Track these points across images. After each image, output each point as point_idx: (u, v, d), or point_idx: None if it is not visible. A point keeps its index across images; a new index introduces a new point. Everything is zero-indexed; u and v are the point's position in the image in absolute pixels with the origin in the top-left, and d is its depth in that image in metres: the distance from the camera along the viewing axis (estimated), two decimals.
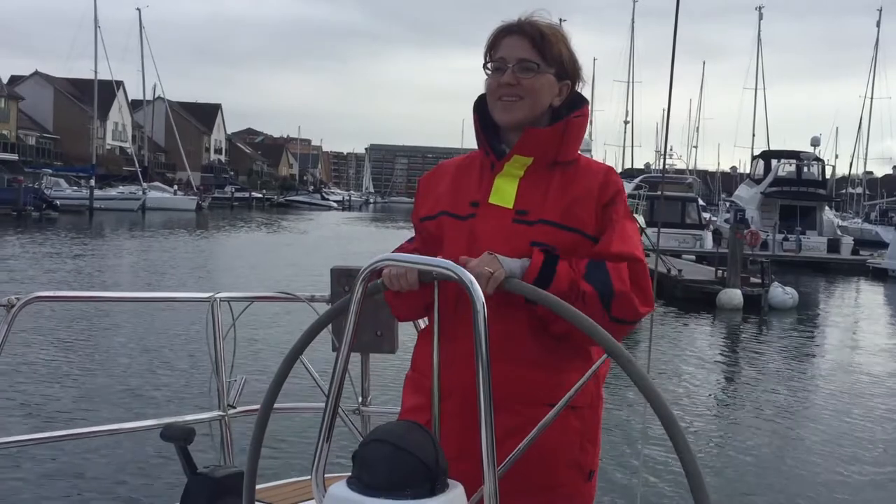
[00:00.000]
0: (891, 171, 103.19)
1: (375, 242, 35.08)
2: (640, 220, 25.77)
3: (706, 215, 41.46)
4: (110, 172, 69.11)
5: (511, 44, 1.92)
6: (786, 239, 35.14)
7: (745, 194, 40.89)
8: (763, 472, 8.10)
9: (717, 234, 38.45)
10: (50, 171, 57.28)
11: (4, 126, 71.22)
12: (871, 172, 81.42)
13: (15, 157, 65.99)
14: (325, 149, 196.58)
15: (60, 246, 29.36)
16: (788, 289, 20.70)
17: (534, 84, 1.91)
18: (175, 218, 52.18)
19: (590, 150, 35.82)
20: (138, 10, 69.38)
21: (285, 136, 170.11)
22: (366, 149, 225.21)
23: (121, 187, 61.89)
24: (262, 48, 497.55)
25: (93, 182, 55.20)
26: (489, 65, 1.96)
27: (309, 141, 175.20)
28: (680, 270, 21.98)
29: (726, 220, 40.58)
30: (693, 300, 20.49)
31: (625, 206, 1.97)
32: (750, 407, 10.90)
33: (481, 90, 2.03)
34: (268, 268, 24.60)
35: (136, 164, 64.49)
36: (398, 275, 1.80)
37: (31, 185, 49.55)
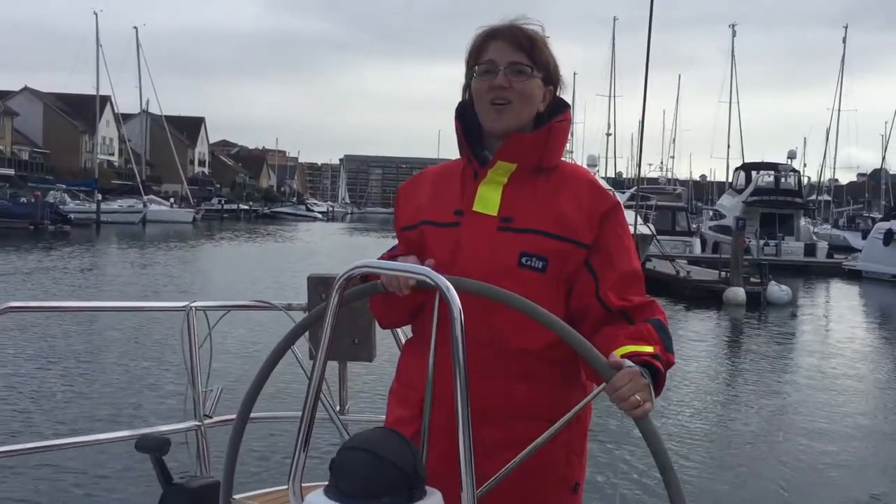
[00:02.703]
0: (855, 179, 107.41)
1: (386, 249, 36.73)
2: (652, 228, 28.60)
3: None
4: (101, 186, 70.62)
5: (500, 47, 1.88)
6: (766, 244, 38.08)
7: (728, 203, 43.27)
8: (760, 444, 9.13)
9: (701, 240, 41.56)
10: (64, 185, 58.83)
11: (1, 142, 72.41)
12: (836, 180, 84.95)
13: (11, 171, 67.31)
14: (300, 160, 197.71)
15: (84, 258, 30.45)
16: (784, 287, 22.88)
17: (525, 88, 1.87)
18: (175, 230, 53.61)
19: (596, 166, 38.53)
20: (135, 28, 71.00)
21: (261, 147, 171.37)
22: (340, 160, 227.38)
23: (119, 201, 63.44)
24: (234, 60, 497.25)
25: (99, 196, 56.80)
26: (477, 68, 1.90)
27: (284, 152, 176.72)
28: (689, 272, 24.86)
29: (710, 228, 43.69)
30: (700, 298, 22.72)
31: (624, 219, 1.95)
32: (755, 384, 12.59)
33: (455, 99, 1.97)
34: (300, 275, 26.24)
35: (138, 177, 66.20)
36: (393, 276, 1.78)
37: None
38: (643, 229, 26.20)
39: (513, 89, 1.87)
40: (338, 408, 3.62)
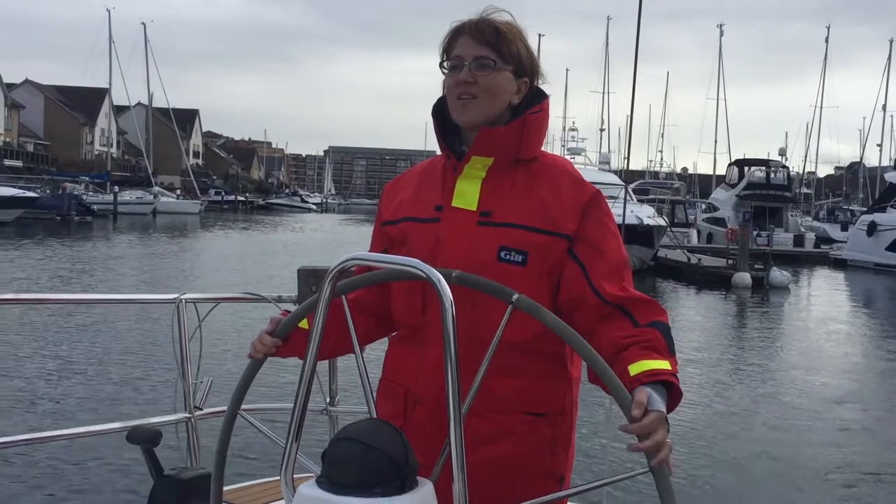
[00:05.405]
0: (832, 172, 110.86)
1: None
2: (666, 220, 31.51)
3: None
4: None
5: (467, 42, 1.87)
6: (759, 235, 41.10)
7: (722, 197, 46.53)
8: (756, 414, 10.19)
9: (696, 231, 44.50)
10: (87, 178, 60.62)
11: (8, 134, 73.68)
12: (814, 173, 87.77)
13: (19, 163, 68.86)
14: (285, 151, 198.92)
15: (113, 248, 32.10)
16: (785, 272, 26.17)
17: (490, 82, 1.86)
18: (184, 221, 55.82)
19: (608, 163, 41.06)
20: (143, 24, 72.73)
21: (247, 138, 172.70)
22: (325, 151, 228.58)
23: (127, 192, 65.15)
24: (213, 50, 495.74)
25: (116, 188, 58.72)
26: (446, 63, 1.91)
27: (270, 143, 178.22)
28: (699, 259, 27.94)
29: (704, 220, 46.72)
30: (710, 282, 26.15)
31: (607, 208, 1.93)
32: (760, 355, 14.73)
33: (438, 91, 1.96)
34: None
35: (149, 168, 68.39)
36: (254, 343, 1.86)
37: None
38: (659, 221, 29.13)
39: (477, 84, 1.86)
40: (328, 400, 3.68)
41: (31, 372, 10.52)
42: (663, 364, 1.69)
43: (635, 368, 1.68)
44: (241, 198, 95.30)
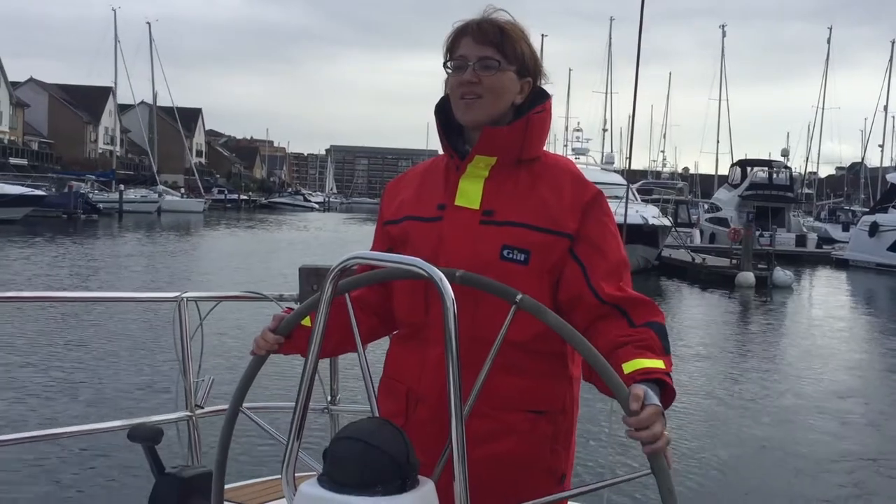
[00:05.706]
0: (833, 172, 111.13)
1: None
2: (671, 220, 31.83)
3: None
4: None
5: (471, 42, 1.88)
6: (761, 235, 41.39)
7: (724, 197, 46.88)
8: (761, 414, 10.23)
9: (699, 231, 44.81)
10: (93, 176, 60.96)
11: (13, 132, 73.98)
12: (815, 173, 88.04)
13: (24, 161, 69.19)
14: (287, 150, 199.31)
15: (119, 246, 32.42)
16: (788, 272, 26.51)
17: (495, 82, 1.86)
18: (188, 219, 56.19)
19: (612, 163, 41.33)
20: (148, 23, 73.02)
21: (248, 137, 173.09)
22: (327, 150, 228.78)
23: (131, 191, 65.48)
24: (213, 50, 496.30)
25: (122, 187, 59.05)
26: (450, 63, 1.91)
27: (271, 142, 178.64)
28: (704, 258, 28.30)
29: (707, 220, 47.04)
30: (714, 282, 26.45)
31: (608, 208, 1.94)
32: (763, 352, 15.18)
33: (439, 91, 1.97)
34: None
35: (153, 167, 68.68)
36: (257, 340, 1.85)
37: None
38: (664, 221, 29.46)
39: (482, 84, 1.86)
40: (329, 398, 3.71)
41: (33, 370, 10.52)
42: (657, 363, 1.71)
43: (629, 367, 1.70)
44: (244, 196, 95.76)
